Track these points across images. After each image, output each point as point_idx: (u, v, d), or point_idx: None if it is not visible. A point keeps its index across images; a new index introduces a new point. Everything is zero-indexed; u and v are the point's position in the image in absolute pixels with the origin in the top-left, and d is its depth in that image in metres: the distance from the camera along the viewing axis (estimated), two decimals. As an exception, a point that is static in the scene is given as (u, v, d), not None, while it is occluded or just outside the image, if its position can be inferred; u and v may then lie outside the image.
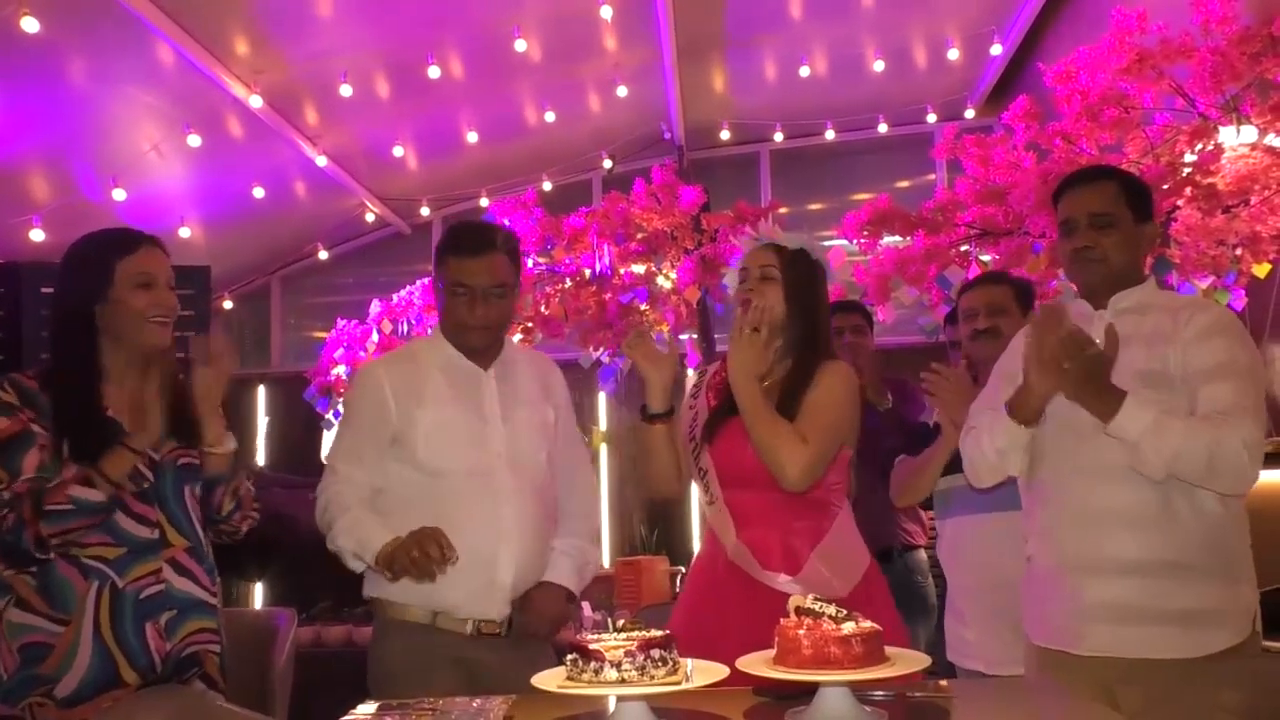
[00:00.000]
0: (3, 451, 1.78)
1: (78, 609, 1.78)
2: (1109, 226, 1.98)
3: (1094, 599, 1.90)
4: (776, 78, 6.23)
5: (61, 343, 1.90)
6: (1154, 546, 1.86)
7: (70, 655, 1.77)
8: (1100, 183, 2.04)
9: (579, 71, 5.86)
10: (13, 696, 1.76)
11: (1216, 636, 1.84)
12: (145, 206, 5.35)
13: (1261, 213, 3.83)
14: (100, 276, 1.87)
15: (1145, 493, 1.85)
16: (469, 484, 2.14)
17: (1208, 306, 2.00)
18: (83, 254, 1.92)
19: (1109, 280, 2.01)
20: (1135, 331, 1.93)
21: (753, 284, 2.13)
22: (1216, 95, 3.83)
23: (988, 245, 4.43)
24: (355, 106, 5.40)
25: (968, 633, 2.48)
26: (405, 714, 1.58)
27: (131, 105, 4.88)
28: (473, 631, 2.12)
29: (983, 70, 6.14)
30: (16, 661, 1.77)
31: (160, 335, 1.91)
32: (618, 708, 1.53)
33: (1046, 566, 2.01)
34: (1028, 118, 4.29)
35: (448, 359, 2.24)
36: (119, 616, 1.80)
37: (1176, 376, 1.88)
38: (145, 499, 1.87)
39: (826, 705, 1.54)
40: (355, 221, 6.91)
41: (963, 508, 2.50)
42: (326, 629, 4.76)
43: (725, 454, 2.11)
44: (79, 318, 1.87)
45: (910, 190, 6.55)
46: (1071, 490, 1.94)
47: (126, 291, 1.87)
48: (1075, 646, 1.92)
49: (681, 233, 5.53)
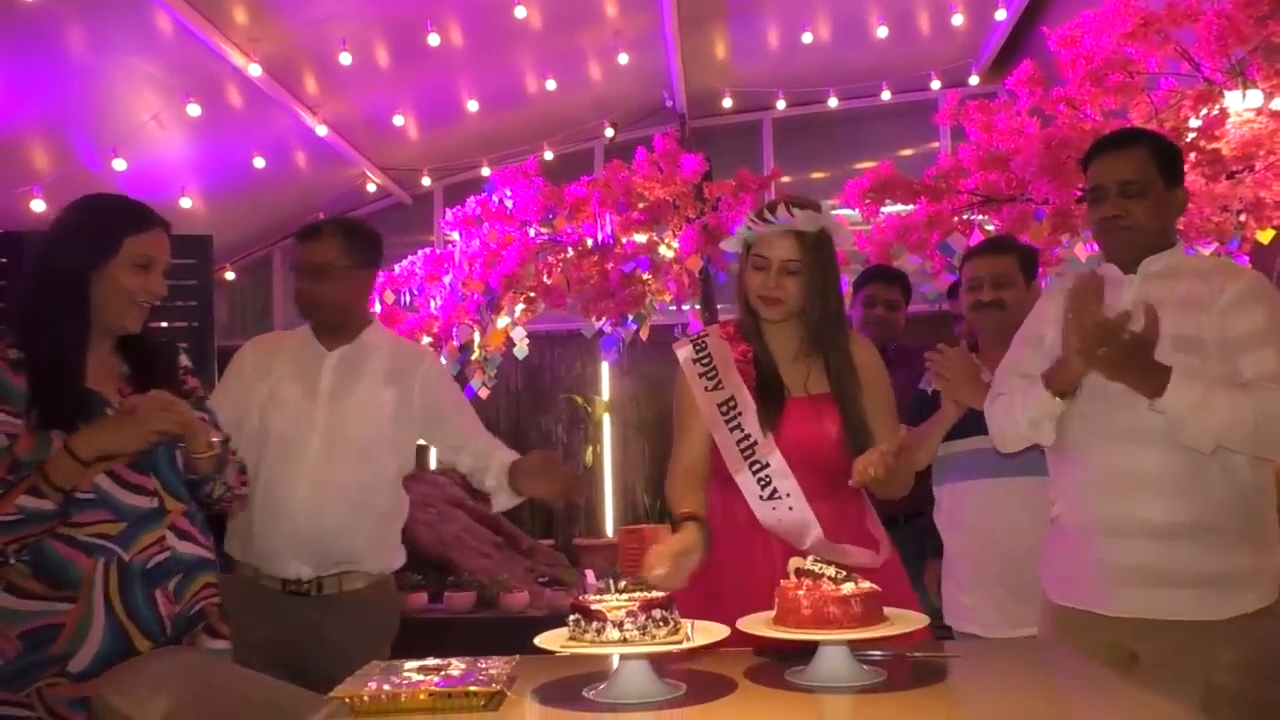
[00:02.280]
0: None
1: (85, 586, 1.75)
2: (1140, 194, 1.96)
3: (1123, 561, 1.89)
4: (779, 44, 6.18)
5: (52, 305, 1.82)
6: (1183, 509, 1.85)
7: (82, 632, 1.75)
8: (1131, 148, 2.00)
9: (580, 39, 5.82)
10: (15, 682, 1.72)
11: (1244, 599, 1.85)
12: (146, 176, 5.33)
13: (1266, 178, 3.82)
14: (106, 246, 1.83)
15: (1175, 456, 1.84)
16: (287, 452, 2.37)
17: (1239, 272, 1.98)
18: (92, 219, 1.88)
19: (1139, 247, 1.98)
20: (1168, 296, 1.92)
21: (775, 279, 2.00)
22: (1222, 59, 3.81)
23: (990, 212, 4.42)
24: (355, 75, 5.37)
25: (965, 597, 2.50)
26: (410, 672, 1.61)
27: (131, 75, 4.85)
28: (282, 589, 2.36)
29: (987, 35, 6.08)
30: (18, 648, 1.72)
31: (138, 320, 1.89)
32: (620, 667, 1.55)
33: (1074, 528, 2.00)
34: (1031, 83, 4.27)
35: (302, 342, 2.50)
36: (128, 589, 1.78)
37: (1211, 342, 1.87)
38: (140, 469, 1.83)
39: (826, 664, 1.57)
40: (356, 192, 6.89)
41: (960, 474, 2.51)
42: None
43: (799, 438, 2.00)
44: (75, 282, 1.82)
45: (914, 158, 6.51)
46: (1101, 453, 1.93)
47: (124, 269, 1.84)
48: (1103, 607, 1.92)
49: (683, 202, 5.51)
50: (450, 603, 4.43)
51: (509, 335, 5.52)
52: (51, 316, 1.81)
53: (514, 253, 5.39)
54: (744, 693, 1.55)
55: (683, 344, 2.13)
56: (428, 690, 1.51)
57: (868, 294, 3.26)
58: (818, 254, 2.02)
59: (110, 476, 1.79)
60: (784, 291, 2.01)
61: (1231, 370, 1.85)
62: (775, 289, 2.01)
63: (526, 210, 5.51)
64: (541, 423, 6.92)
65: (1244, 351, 1.85)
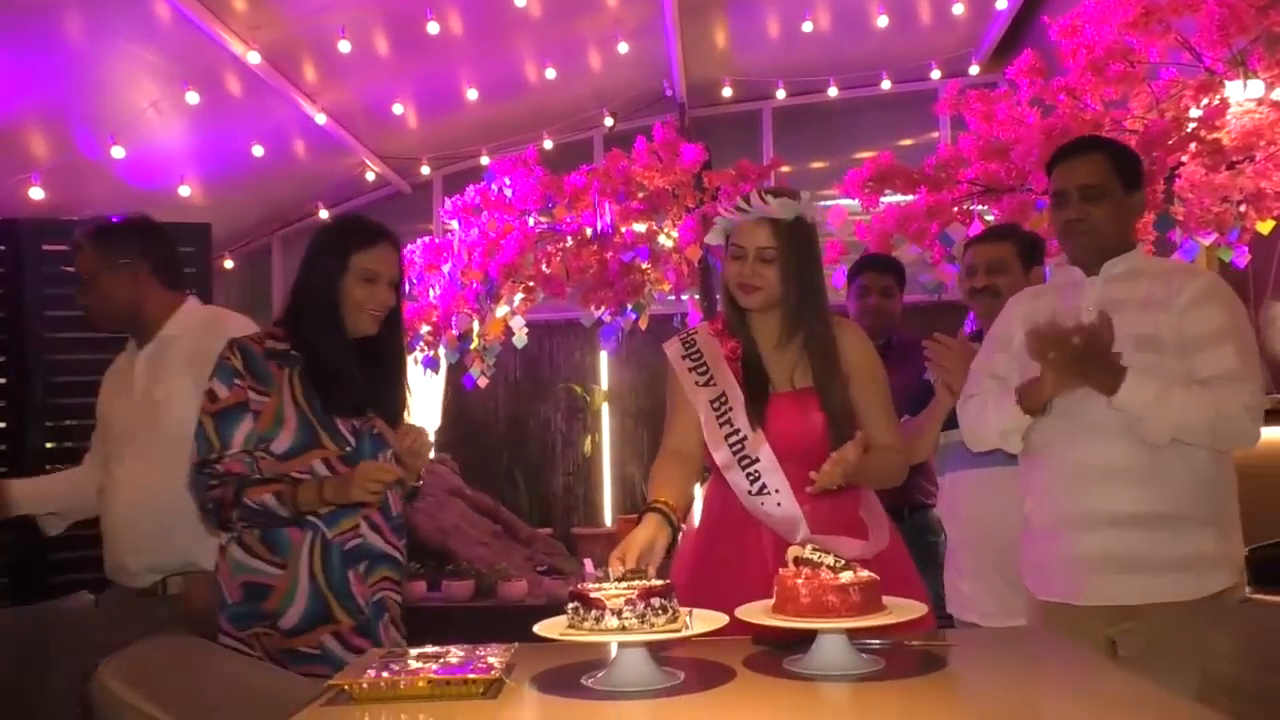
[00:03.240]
0: (219, 420, 2.02)
1: (293, 555, 2.02)
2: (1099, 198, 2.04)
3: (1092, 551, 1.97)
4: (779, 34, 6.15)
5: (308, 314, 2.10)
6: (1147, 500, 1.94)
7: (290, 595, 2.02)
8: (1089, 154, 2.09)
9: (580, 28, 5.79)
10: (238, 623, 2.04)
11: (1213, 579, 1.93)
12: (144, 164, 5.32)
13: (1266, 169, 3.81)
14: (338, 262, 2.10)
15: (1136, 449, 1.92)
16: (113, 458, 2.42)
17: (1196, 273, 2.09)
18: (328, 237, 2.17)
19: (1100, 249, 2.08)
20: (1129, 296, 2.01)
21: (751, 267, 2.03)
22: (1224, 49, 3.80)
23: (990, 202, 4.41)
24: (354, 63, 5.35)
25: (964, 585, 2.51)
26: (408, 660, 1.61)
27: (129, 62, 4.83)
28: (137, 594, 2.39)
29: (988, 25, 6.06)
30: (241, 594, 2.04)
31: (371, 326, 2.13)
32: (618, 654, 1.56)
33: (1044, 523, 2.07)
34: (1032, 73, 4.26)
35: (129, 345, 2.53)
36: (328, 563, 2.04)
37: (1169, 341, 1.95)
38: (347, 462, 2.06)
39: (824, 652, 1.57)
40: (355, 181, 6.87)
41: (960, 462, 2.52)
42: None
43: (783, 432, 2.02)
44: (326, 294, 2.10)
45: (914, 148, 6.49)
46: (1066, 449, 2.01)
47: (354, 281, 2.09)
48: (1076, 598, 1.99)
49: (683, 191, 5.49)
50: (449, 591, 4.44)
51: (508, 324, 5.51)
52: (312, 327, 2.10)
53: (513, 242, 5.37)
54: (742, 681, 1.55)
55: (672, 342, 2.16)
56: (426, 678, 1.51)
57: (861, 283, 3.22)
58: (794, 241, 2.03)
59: (325, 464, 2.04)
60: (760, 279, 2.03)
61: (1189, 368, 1.92)
62: (752, 276, 2.03)
63: (525, 199, 5.50)
64: (540, 412, 6.92)
65: (1201, 349, 1.93)
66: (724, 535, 2.08)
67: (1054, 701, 1.47)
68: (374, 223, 2.20)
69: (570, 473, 6.83)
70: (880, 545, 2.00)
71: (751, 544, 2.02)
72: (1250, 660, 1.86)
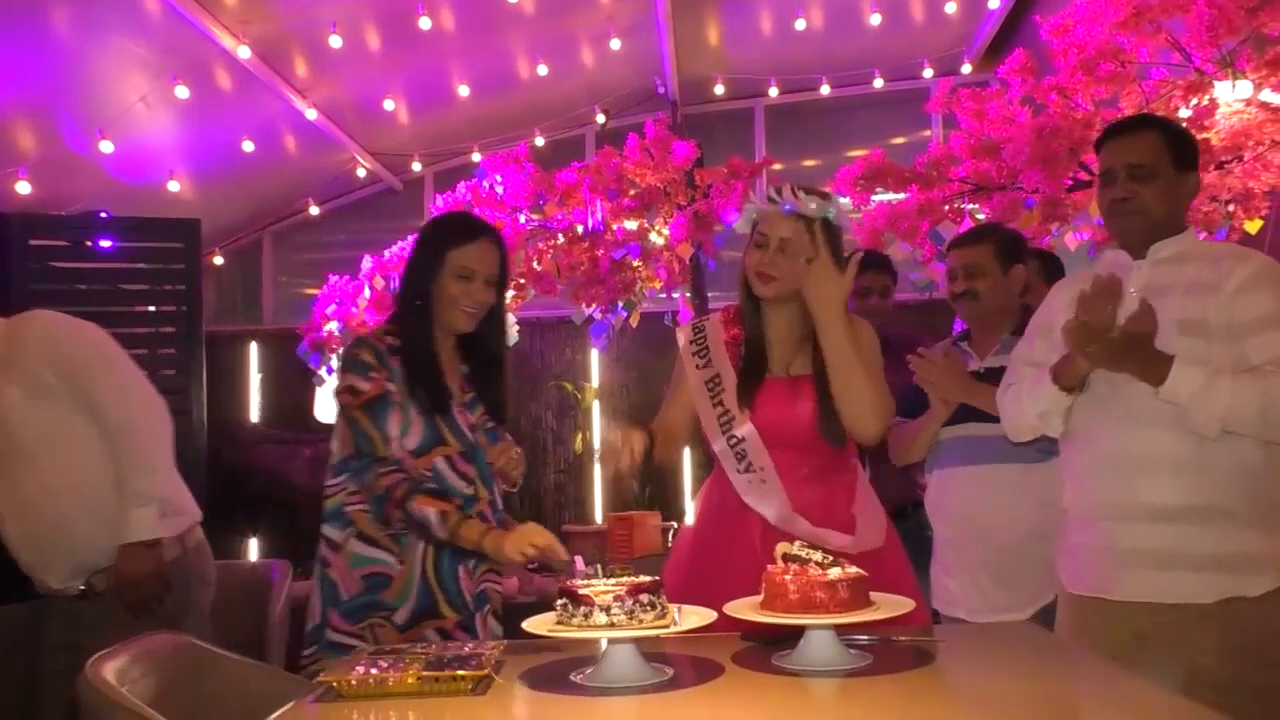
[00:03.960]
0: (370, 412, 2.02)
1: (411, 549, 2.06)
2: (1149, 178, 1.96)
3: (1129, 545, 1.89)
4: (771, 31, 6.15)
5: (407, 311, 2.13)
6: (1189, 492, 1.85)
7: (406, 589, 2.05)
8: (1141, 132, 2.00)
9: (572, 24, 5.78)
10: (353, 616, 2.05)
11: (1253, 581, 1.83)
12: (133, 159, 5.29)
13: (1255, 169, 3.83)
14: (434, 260, 2.11)
15: (1181, 438, 1.84)
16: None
17: (1248, 256, 1.96)
18: (426, 235, 2.19)
19: (1147, 231, 1.98)
20: (1175, 281, 1.92)
21: (771, 257, 2.05)
22: (1213, 50, 3.81)
23: (981, 200, 4.42)
24: (345, 59, 5.33)
25: (951, 582, 2.52)
26: (399, 657, 1.61)
27: (118, 56, 4.80)
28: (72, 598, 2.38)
29: (980, 24, 6.07)
30: (360, 587, 2.05)
31: (466, 323, 2.14)
32: (607, 650, 1.56)
33: (1081, 513, 2.00)
34: (1024, 72, 4.27)
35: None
36: (440, 559, 2.07)
37: (1216, 326, 1.86)
38: (467, 459, 2.11)
39: (812, 648, 1.57)
40: (346, 177, 6.85)
41: (948, 460, 2.53)
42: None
43: (774, 418, 2.06)
44: (422, 291, 2.11)
45: (906, 147, 6.50)
46: (1106, 437, 1.94)
47: (449, 278, 2.10)
48: (1110, 592, 1.92)
49: (675, 188, 5.49)
50: (439, 588, 4.42)
51: (499, 321, 5.50)
52: (407, 323, 2.12)
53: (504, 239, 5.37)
54: (731, 677, 1.55)
55: (684, 328, 2.24)
56: (415, 674, 1.51)
57: (862, 284, 3.23)
58: (818, 239, 2.04)
59: (447, 461, 2.08)
60: (778, 269, 2.05)
61: (1238, 354, 1.84)
62: (770, 266, 2.06)
63: (517, 196, 5.49)
64: (531, 409, 6.91)
65: (1251, 335, 1.84)
66: (717, 532, 2.11)
67: (1041, 697, 1.47)
68: (474, 220, 2.22)
69: (561, 470, 6.82)
70: (870, 544, 2.01)
71: (741, 540, 2.03)
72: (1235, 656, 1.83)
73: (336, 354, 5.93)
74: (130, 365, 2.46)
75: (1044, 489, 2.35)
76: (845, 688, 1.50)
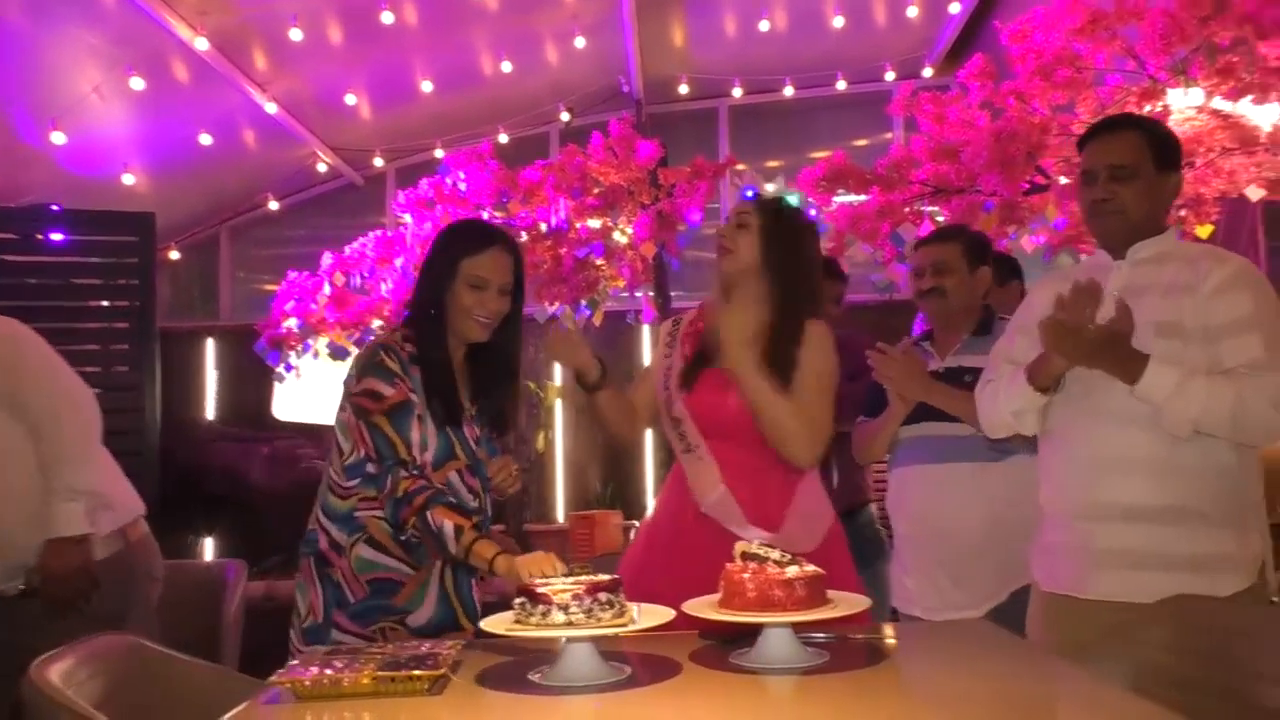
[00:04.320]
0: (393, 418, 1.98)
1: (428, 561, 2.04)
2: (1129, 178, 1.95)
3: (1102, 544, 1.90)
4: (736, 32, 6.18)
5: (420, 321, 2.09)
6: (1162, 492, 1.86)
7: (420, 596, 2.04)
8: (1122, 132, 1.99)
9: (536, 21, 5.76)
10: (362, 619, 2.02)
11: (1224, 581, 1.84)
12: (86, 151, 5.19)
13: (1205, 175, 3.91)
14: (448, 269, 2.07)
15: (1155, 439, 1.84)
16: None
17: (1226, 258, 1.95)
18: (439, 243, 2.13)
19: (1127, 231, 1.98)
20: (1153, 282, 1.93)
21: (728, 231, 2.14)
22: (1166, 57, 3.89)
23: (940, 203, 4.47)
24: (306, 52, 5.27)
25: (908, 580, 2.54)
26: (354, 657, 1.59)
27: (71, 45, 4.71)
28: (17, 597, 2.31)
29: (941, 28, 6.14)
30: (366, 591, 2.02)
31: (480, 333, 2.09)
32: (565, 649, 1.55)
33: (1055, 512, 2.02)
34: (983, 76, 4.32)
35: None
36: (457, 573, 2.08)
37: (1192, 328, 1.86)
38: (473, 472, 2.10)
39: (769, 646, 1.58)
40: (307, 172, 6.77)
41: (907, 458, 2.55)
42: (278, 583, 4.73)
43: (704, 404, 2.11)
44: (436, 301, 2.08)
45: (868, 149, 6.56)
46: (1081, 437, 1.94)
47: (462, 287, 2.06)
48: (1083, 591, 1.93)
49: (638, 187, 5.50)
50: (398, 588, 4.39)
51: (461, 319, 5.47)
52: (421, 334, 2.08)
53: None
54: (688, 675, 1.55)
55: (667, 322, 2.33)
56: (370, 675, 1.49)
57: None
58: (773, 219, 2.12)
59: (458, 474, 2.07)
60: (733, 243, 2.13)
61: (1214, 356, 1.85)
62: (727, 239, 2.14)
63: (480, 193, 5.46)
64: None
65: (1227, 337, 1.85)
66: (667, 532, 2.15)
67: (995, 694, 1.49)
68: (489, 227, 2.19)
69: (523, 469, 6.80)
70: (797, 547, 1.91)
71: (687, 537, 2.07)
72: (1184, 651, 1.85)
73: (295, 351, 5.87)
74: (53, 358, 2.37)
75: (1000, 488, 2.38)
76: (802, 685, 1.50)
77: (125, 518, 2.45)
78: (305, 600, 2.06)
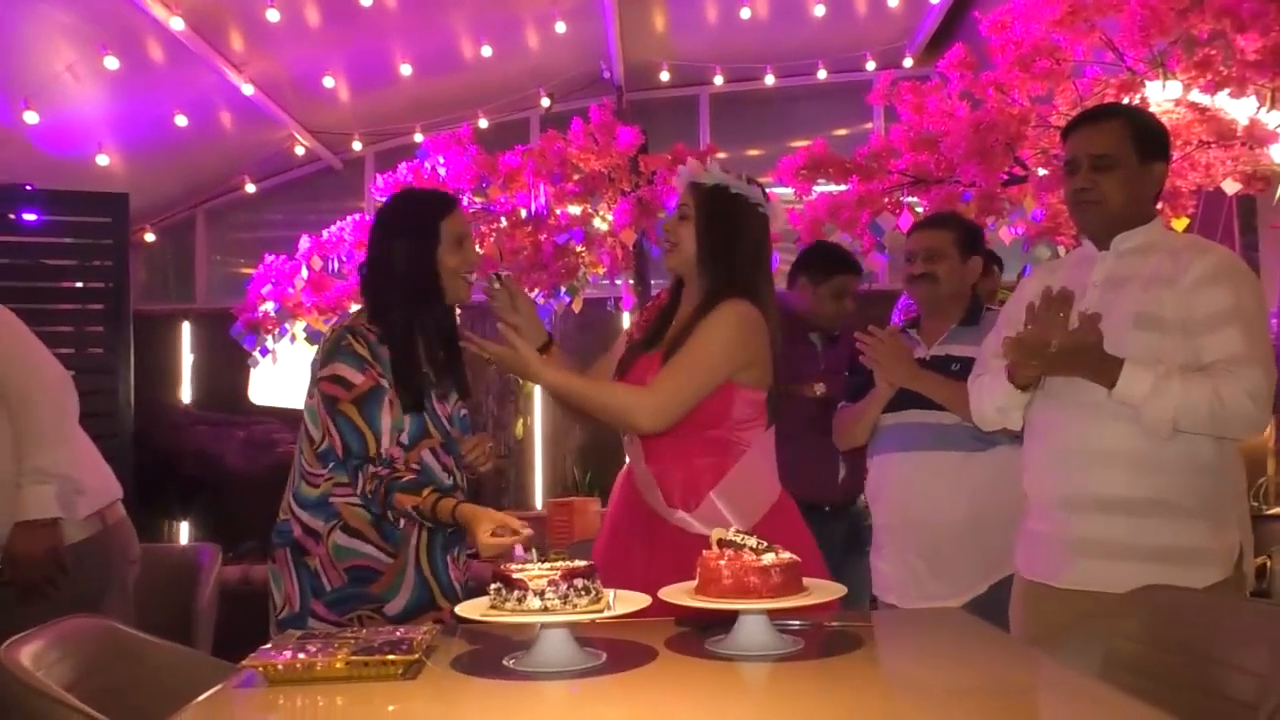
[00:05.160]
0: (362, 407, 1.96)
1: (404, 543, 2.02)
2: (1110, 168, 1.95)
3: (1080, 534, 1.92)
4: (717, 20, 6.16)
5: (407, 301, 2.03)
6: (1140, 484, 1.87)
7: (398, 581, 2.02)
8: (1105, 122, 2.00)
9: (517, 6, 5.72)
10: (339, 607, 2.00)
11: (1199, 573, 1.85)
12: (59, 131, 5.11)
13: (1182, 168, 3.93)
14: (429, 236, 2.04)
15: (1135, 433, 1.86)
16: None
17: (1208, 250, 1.96)
18: (413, 213, 2.08)
19: (1108, 222, 1.98)
20: (1136, 272, 1.93)
21: (670, 225, 2.14)
22: (1145, 50, 3.90)
23: (919, 193, 4.48)
24: (283, 33, 5.20)
25: (885, 566, 2.56)
26: (328, 642, 1.59)
27: (44, 23, 4.63)
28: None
29: (922, 18, 6.14)
30: (344, 579, 2.00)
31: (466, 292, 2.09)
32: (541, 635, 1.55)
33: (1036, 502, 2.04)
34: (963, 67, 4.33)
35: None
36: (433, 550, 2.05)
37: (1172, 321, 1.87)
38: (447, 450, 2.09)
39: (745, 633, 1.59)
40: (284, 154, 6.70)
41: (887, 446, 2.56)
42: (254, 568, 4.70)
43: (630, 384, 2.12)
44: (425, 274, 2.03)
45: (848, 138, 6.56)
46: (1063, 429, 1.95)
47: (447, 249, 2.05)
48: (1059, 579, 1.95)
49: (619, 174, 5.49)
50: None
51: (440, 305, 5.45)
52: (412, 314, 2.03)
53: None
54: (664, 661, 1.56)
55: None
56: (344, 659, 1.49)
57: (843, 284, 3.10)
58: (710, 205, 2.08)
59: (432, 453, 2.05)
60: (675, 235, 2.11)
61: (1192, 350, 1.86)
62: (669, 233, 2.13)
63: (459, 178, 5.43)
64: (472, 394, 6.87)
65: (1206, 331, 1.85)
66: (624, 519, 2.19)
67: (968, 681, 1.50)
68: (436, 189, 2.15)
69: (502, 455, 6.78)
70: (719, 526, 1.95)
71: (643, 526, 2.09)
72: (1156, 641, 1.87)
73: (272, 335, 5.82)
74: (28, 339, 2.33)
75: (983, 477, 2.39)
76: (777, 672, 1.51)
77: (103, 501, 2.42)
78: (280, 591, 2.05)
